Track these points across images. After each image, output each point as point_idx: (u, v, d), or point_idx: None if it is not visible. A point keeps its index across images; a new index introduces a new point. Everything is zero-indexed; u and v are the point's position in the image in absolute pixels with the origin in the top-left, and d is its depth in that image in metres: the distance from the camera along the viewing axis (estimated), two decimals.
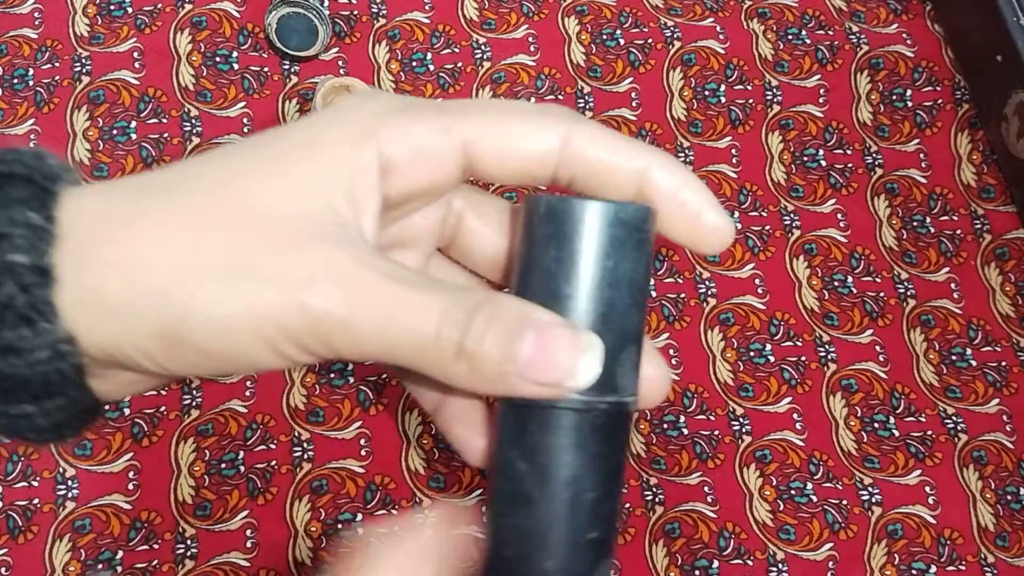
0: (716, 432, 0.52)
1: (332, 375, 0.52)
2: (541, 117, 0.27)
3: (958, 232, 0.58)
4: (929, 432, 0.54)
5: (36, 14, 0.56)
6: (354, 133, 0.26)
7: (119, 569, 0.47)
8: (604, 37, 0.60)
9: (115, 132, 0.54)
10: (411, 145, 0.26)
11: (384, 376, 0.52)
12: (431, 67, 0.58)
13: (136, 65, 0.56)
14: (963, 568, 0.51)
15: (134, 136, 0.55)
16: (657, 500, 0.51)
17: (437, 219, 0.29)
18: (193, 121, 0.55)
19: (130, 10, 0.57)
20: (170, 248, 0.25)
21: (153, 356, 0.25)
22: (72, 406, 0.26)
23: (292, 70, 0.57)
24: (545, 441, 0.26)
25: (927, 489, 0.52)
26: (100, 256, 0.25)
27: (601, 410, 0.26)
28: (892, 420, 0.54)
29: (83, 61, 0.55)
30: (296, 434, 0.50)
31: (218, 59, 0.57)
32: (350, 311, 0.24)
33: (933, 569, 0.51)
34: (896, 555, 0.51)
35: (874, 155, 0.60)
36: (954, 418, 0.54)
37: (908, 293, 0.57)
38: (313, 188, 0.26)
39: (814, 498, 0.51)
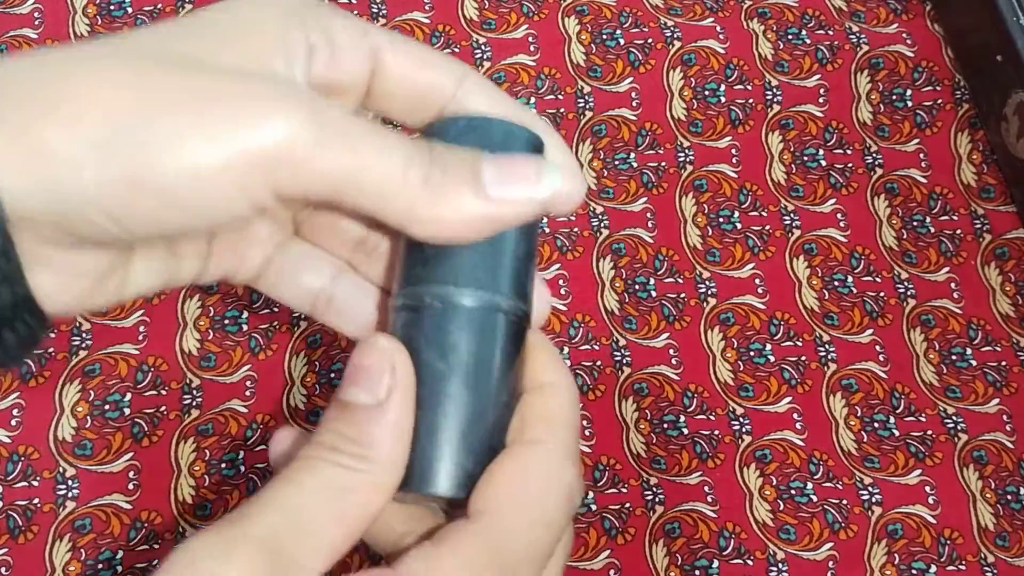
0: (716, 432, 0.52)
1: (332, 375, 0.52)
2: (445, 57, 0.29)
3: (958, 232, 0.58)
4: (929, 432, 0.54)
5: (36, 14, 0.56)
6: (283, 15, 0.26)
7: (119, 569, 0.47)
8: (604, 37, 0.60)
9: None
10: (333, 37, 0.26)
11: None
12: None
13: None
14: (963, 568, 0.51)
15: None
16: (657, 500, 0.51)
17: None
18: None
19: (130, 10, 0.57)
20: (126, 87, 0.23)
21: (111, 210, 0.23)
22: (11, 306, 0.24)
23: None
24: (470, 339, 0.27)
25: (927, 489, 0.52)
26: (36, 102, 0.22)
27: (519, 315, 0.28)
28: (892, 420, 0.54)
29: None
30: None
31: None
32: (323, 137, 0.24)
33: (933, 569, 0.51)
34: (896, 555, 0.51)
35: (874, 155, 0.60)
36: (954, 418, 0.54)
37: (908, 293, 0.57)
38: (254, 60, 0.25)
39: (814, 498, 0.52)
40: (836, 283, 0.56)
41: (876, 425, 0.53)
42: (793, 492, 0.52)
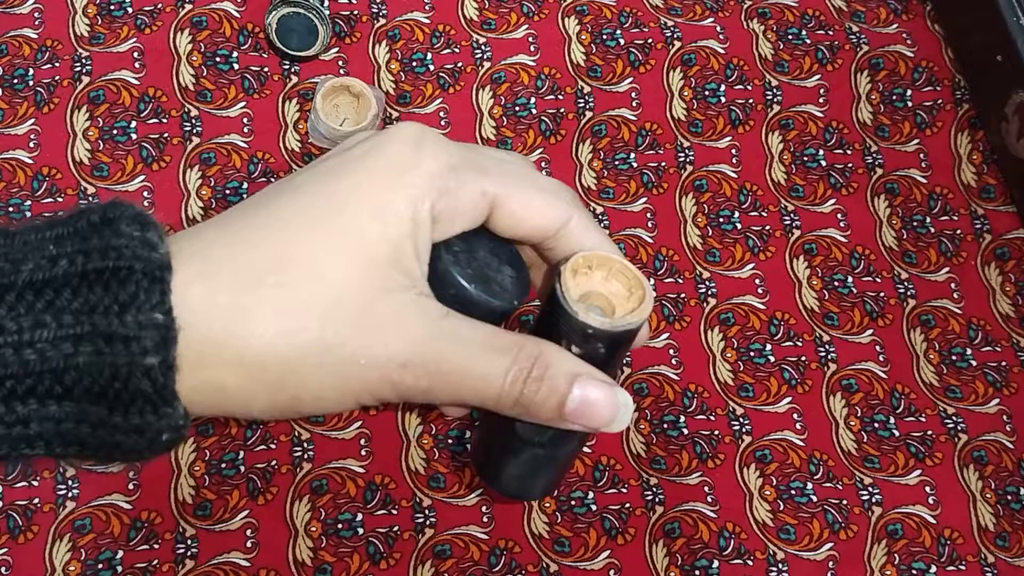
0: (716, 432, 0.52)
1: None
2: (555, 199, 0.34)
3: (958, 232, 0.58)
4: (929, 432, 0.54)
5: (36, 14, 0.56)
6: (415, 196, 0.30)
7: (119, 569, 0.47)
8: (604, 37, 0.60)
9: (115, 132, 0.54)
10: (458, 204, 0.32)
11: None
12: (431, 67, 0.58)
13: (136, 65, 0.56)
14: (963, 568, 0.51)
15: (134, 136, 0.55)
16: (657, 500, 0.51)
17: None
18: (193, 121, 0.55)
19: (130, 10, 0.57)
20: (275, 345, 0.29)
21: (258, 419, 0.33)
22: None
23: (292, 70, 0.57)
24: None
25: (927, 489, 0.52)
26: (219, 357, 0.28)
27: None
28: (892, 420, 0.54)
29: (83, 61, 0.56)
30: (296, 434, 0.50)
31: (218, 59, 0.57)
32: (431, 384, 0.30)
33: (933, 569, 0.51)
34: (896, 555, 0.51)
35: (874, 155, 0.60)
36: (954, 418, 0.54)
37: (908, 293, 0.57)
38: (385, 247, 0.30)
39: (814, 498, 0.52)
40: (836, 283, 0.56)
41: (876, 425, 0.53)
42: (793, 492, 0.52)
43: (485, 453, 0.36)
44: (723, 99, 0.60)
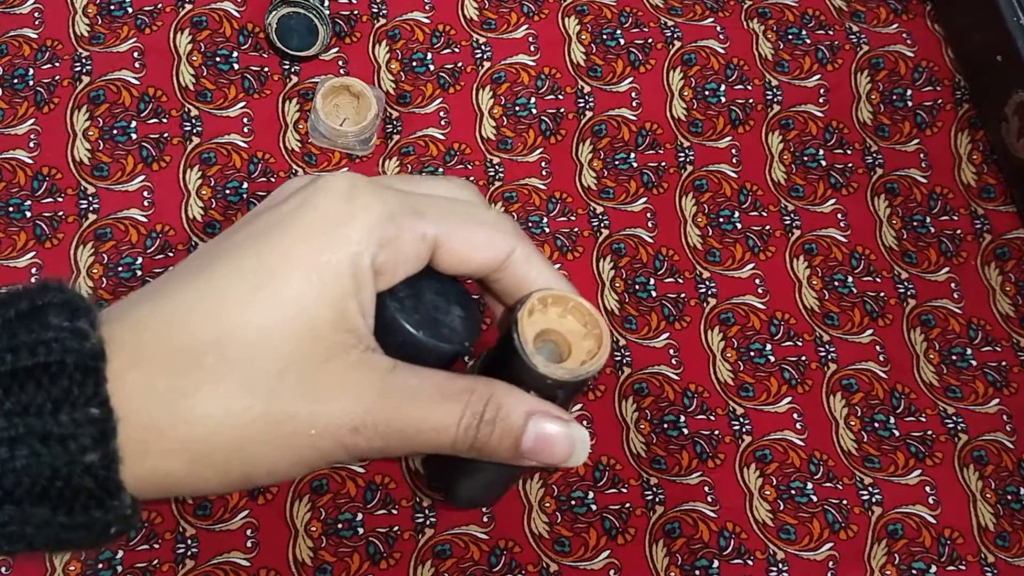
0: (716, 432, 0.52)
1: None
2: (496, 232, 0.33)
3: (958, 232, 0.58)
4: (929, 432, 0.54)
5: (36, 14, 0.56)
6: (353, 252, 0.29)
7: (119, 569, 0.47)
8: (604, 37, 0.60)
9: (115, 132, 0.55)
10: (399, 253, 0.31)
11: None
12: (431, 67, 0.58)
13: (136, 65, 0.56)
14: (963, 568, 0.51)
15: (134, 136, 0.55)
16: (657, 500, 0.51)
17: None
18: (193, 121, 0.55)
19: (130, 10, 0.57)
20: (220, 429, 0.28)
21: (209, 496, 0.32)
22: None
23: (292, 70, 0.57)
24: None
25: (927, 489, 0.52)
26: (163, 444, 0.28)
27: None
28: (892, 420, 0.54)
29: (83, 61, 0.56)
30: None
31: (218, 59, 0.57)
32: (386, 443, 0.30)
33: (933, 569, 0.51)
34: (896, 555, 0.51)
35: (874, 155, 0.60)
36: (954, 418, 0.54)
37: (908, 293, 0.57)
38: (324, 310, 0.29)
39: (814, 498, 0.52)
40: (836, 283, 0.56)
41: (876, 425, 0.53)
42: (793, 492, 0.52)
43: (440, 468, 0.36)
44: (723, 99, 0.60)
